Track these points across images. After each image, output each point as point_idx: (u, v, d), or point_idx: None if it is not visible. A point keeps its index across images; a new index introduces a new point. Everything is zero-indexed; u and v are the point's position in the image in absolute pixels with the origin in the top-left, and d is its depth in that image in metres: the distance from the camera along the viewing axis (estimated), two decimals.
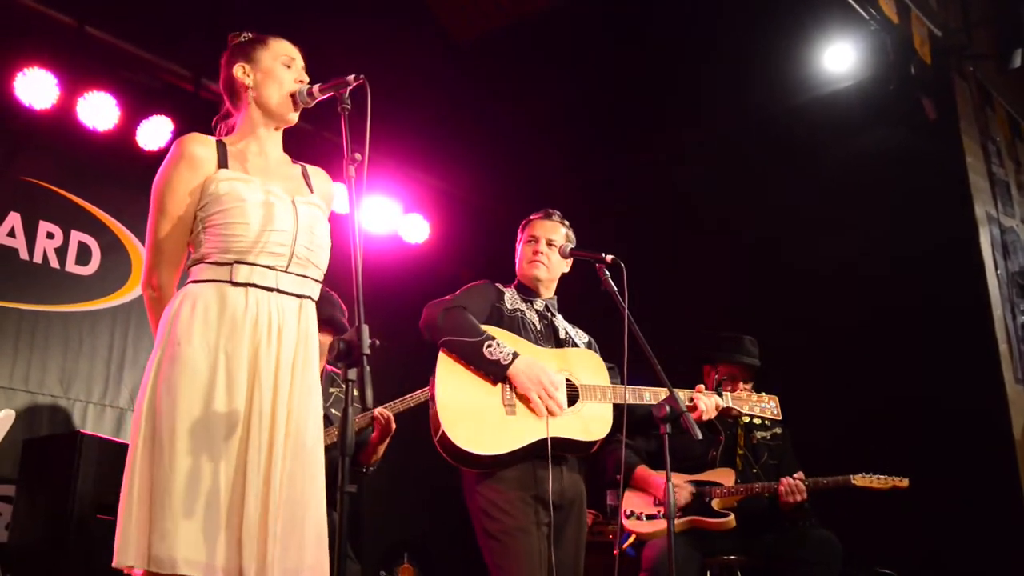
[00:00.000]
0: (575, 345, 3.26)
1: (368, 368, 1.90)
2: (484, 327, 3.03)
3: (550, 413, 2.93)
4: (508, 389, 2.97)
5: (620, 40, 5.68)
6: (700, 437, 2.81)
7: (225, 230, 2.16)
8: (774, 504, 3.87)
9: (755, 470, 4.04)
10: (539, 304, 3.29)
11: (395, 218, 6.36)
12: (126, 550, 1.98)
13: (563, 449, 2.99)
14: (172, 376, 2.06)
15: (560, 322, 3.31)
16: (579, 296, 3.41)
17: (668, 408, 2.84)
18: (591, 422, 3.02)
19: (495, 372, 2.94)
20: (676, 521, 3.25)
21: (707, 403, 3.16)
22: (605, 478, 4.12)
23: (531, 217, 3.38)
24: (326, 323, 3.97)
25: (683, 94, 5.78)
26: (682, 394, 3.08)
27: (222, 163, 2.24)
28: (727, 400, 3.28)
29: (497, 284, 3.28)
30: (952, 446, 4.51)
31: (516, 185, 6.41)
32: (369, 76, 2.16)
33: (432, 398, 2.95)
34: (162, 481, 1.99)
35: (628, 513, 3.91)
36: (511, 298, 3.24)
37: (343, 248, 2.25)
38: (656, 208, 6.08)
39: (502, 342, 2.97)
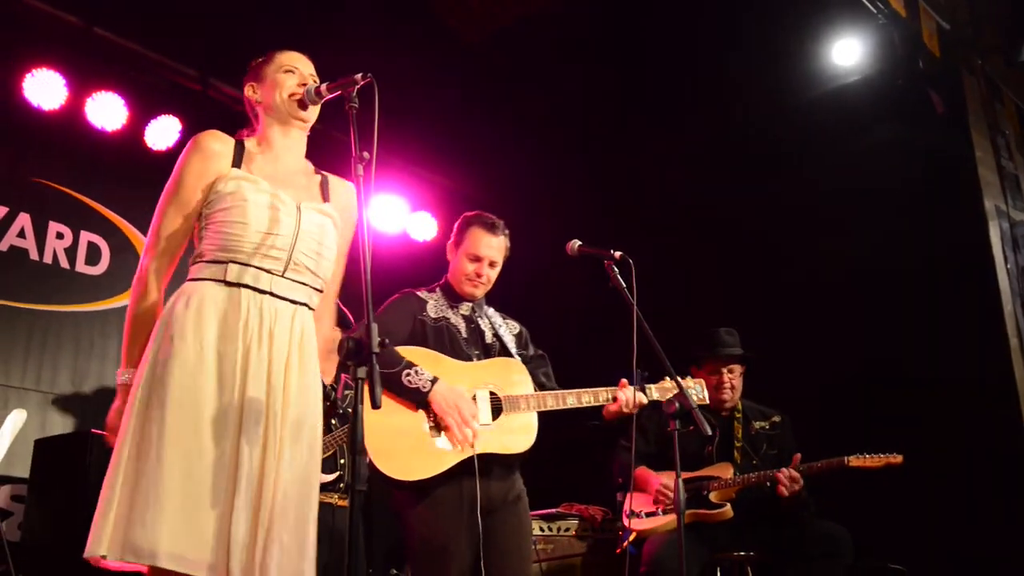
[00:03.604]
0: (503, 344, 3.23)
1: (377, 366, 1.89)
2: (404, 350, 3.00)
3: (466, 441, 2.92)
4: (431, 412, 2.97)
5: (624, 37, 5.66)
6: (710, 432, 2.82)
7: (224, 228, 2.18)
8: (774, 493, 3.87)
9: (755, 461, 4.03)
10: (465, 308, 3.25)
11: (403, 216, 6.38)
12: (101, 540, 1.95)
13: (491, 462, 2.99)
14: (165, 372, 2.07)
15: (486, 322, 3.26)
16: (587, 292, 3.40)
17: (678, 404, 2.83)
18: (516, 434, 3.03)
19: (416, 399, 2.94)
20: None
21: (628, 397, 3.12)
22: (612, 483, 4.13)
23: (474, 225, 3.23)
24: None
25: (689, 90, 5.76)
26: (606, 393, 3.11)
27: (236, 162, 2.26)
28: (651, 394, 3.20)
29: (418, 292, 3.24)
30: (964, 441, 4.49)
31: (523, 183, 6.41)
32: (376, 75, 2.16)
33: None
34: (148, 473, 1.98)
35: (631, 513, 3.93)
36: (435, 306, 3.21)
37: (352, 247, 2.25)
38: (660, 205, 6.07)
39: (421, 368, 2.95)
